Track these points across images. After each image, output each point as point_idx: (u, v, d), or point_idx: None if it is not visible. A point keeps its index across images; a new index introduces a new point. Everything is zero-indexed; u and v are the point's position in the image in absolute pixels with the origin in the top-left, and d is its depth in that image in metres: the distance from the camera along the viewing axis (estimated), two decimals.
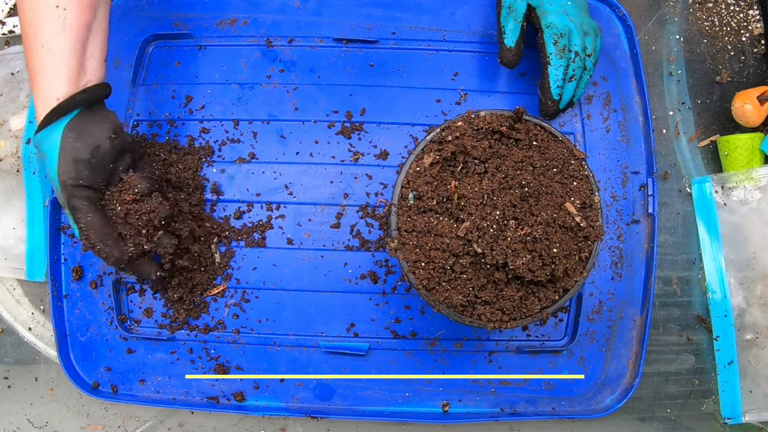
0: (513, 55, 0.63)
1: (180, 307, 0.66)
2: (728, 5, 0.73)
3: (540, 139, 0.57)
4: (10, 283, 0.71)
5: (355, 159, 0.68)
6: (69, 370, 0.66)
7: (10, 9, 0.74)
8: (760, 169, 0.67)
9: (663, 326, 0.68)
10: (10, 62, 0.72)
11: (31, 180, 0.69)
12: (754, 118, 0.68)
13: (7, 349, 0.70)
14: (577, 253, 0.55)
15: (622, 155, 0.68)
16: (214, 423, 0.67)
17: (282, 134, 0.68)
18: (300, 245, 0.67)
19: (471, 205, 0.53)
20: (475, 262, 0.54)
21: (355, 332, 0.66)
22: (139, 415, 0.68)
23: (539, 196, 0.53)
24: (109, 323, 0.67)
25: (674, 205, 0.69)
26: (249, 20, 0.71)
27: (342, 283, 0.66)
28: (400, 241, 0.55)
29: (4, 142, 0.70)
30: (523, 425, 0.67)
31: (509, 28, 0.63)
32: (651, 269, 0.66)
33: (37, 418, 0.68)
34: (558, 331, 0.67)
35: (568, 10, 0.62)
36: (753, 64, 0.72)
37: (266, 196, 0.67)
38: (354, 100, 0.69)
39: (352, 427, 0.67)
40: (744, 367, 0.66)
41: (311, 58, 0.70)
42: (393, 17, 0.71)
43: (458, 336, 0.66)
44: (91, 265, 0.67)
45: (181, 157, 0.67)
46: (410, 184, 0.56)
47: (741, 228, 0.67)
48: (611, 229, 0.67)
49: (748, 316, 0.67)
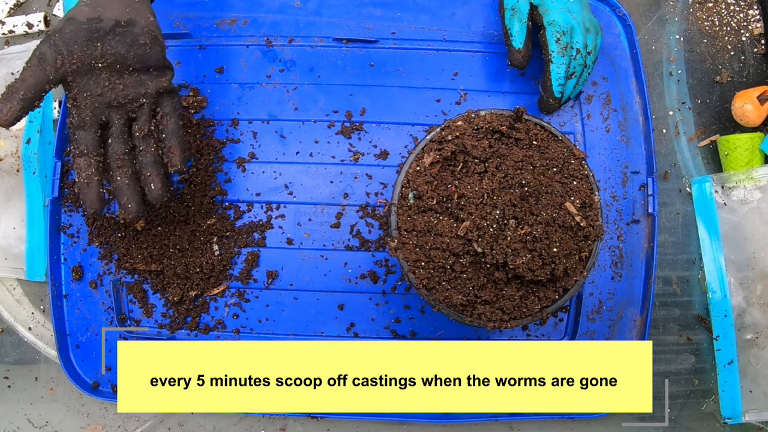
0: (522, 56, 0.63)
1: (180, 308, 0.66)
2: (728, 5, 0.73)
3: (540, 138, 0.57)
4: (10, 283, 0.71)
5: (355, 159, 0.68)
6: (69, 370, 0.66)
7: (10, 9, 0.74)
8: (760, 169, 0.67)
9: (663, 326, 0.68)
10: (10, 62, 0.72)
11: (31, 180, 0.69)
12: (754, 118, 0.68)
13: (7, 349, 0.70)
14: (577, 252, 0.55)
15: (622, 155, 0.68)
16: (214, 423, 0.67)
17: (282, 134, 0.68)
18: (300, 245, 0.67)
19: (471, 205, 0.53)
20: (475, 261, 0.54)
21: (355, 332, 0.66)
22: (139, 415, 0.68)
23: (539, 196, 0.53)
24: (109, 323, 0.67)
25: (674, 205, 0.69)
26: (249, 20, 0.71)
27: (342, 282, 0.66)
28: (400, 241, 0.55)
29: (4, 142, 0.70)
30: (523, 425, 0.67)
31: (515, 29, 0.63)
32: (651, 269, 0.66)
33: (37, 418, 0.68)
34: (558, 331, 0.67)
35: (571, 8, 0.62)
36: (753, 64, 0.72)
37: (266, 195, 0.67)
38: (354, 100, 0.69)
39: (352, 427, 0.67)
40: (744, 367, 0.66)
41: (311, 58, 0.70)
42: (393, 17, 0.71)
43: (458, 336, 0.66)
44: (91, 265, 0.67)
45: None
46: (410, 184, 0.56)
47: (741, 228, 0.67)
48: (611, 228, 0.67)
49: (748, 316, 0.67)
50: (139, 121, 0.55)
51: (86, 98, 0.53)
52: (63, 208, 0.68)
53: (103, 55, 0.52)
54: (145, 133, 0.56)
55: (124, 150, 0.55)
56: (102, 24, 0.52)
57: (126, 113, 0.55)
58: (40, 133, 0.69)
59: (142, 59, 0.54)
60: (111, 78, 0.53)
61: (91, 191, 0.54)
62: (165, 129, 0.57)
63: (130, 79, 0.54)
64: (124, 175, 0.55)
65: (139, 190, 0.56)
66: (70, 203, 0.68)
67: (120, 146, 0.55)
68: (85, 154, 0.54)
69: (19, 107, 0.51)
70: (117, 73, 0.54)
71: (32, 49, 0.71)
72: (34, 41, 0.73)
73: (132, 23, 0.53)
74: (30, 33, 0.73)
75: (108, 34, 0.52)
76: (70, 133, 0.54)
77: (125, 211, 0.55)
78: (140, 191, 0.56)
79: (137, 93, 0.55)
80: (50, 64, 0.51)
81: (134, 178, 0.55)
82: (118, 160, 0.55)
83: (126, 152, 0.55)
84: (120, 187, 0.55)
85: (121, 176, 0.55)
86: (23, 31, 0.73)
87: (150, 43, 0.54)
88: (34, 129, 0.69)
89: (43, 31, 0.73)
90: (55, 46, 0.51)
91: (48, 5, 0.75)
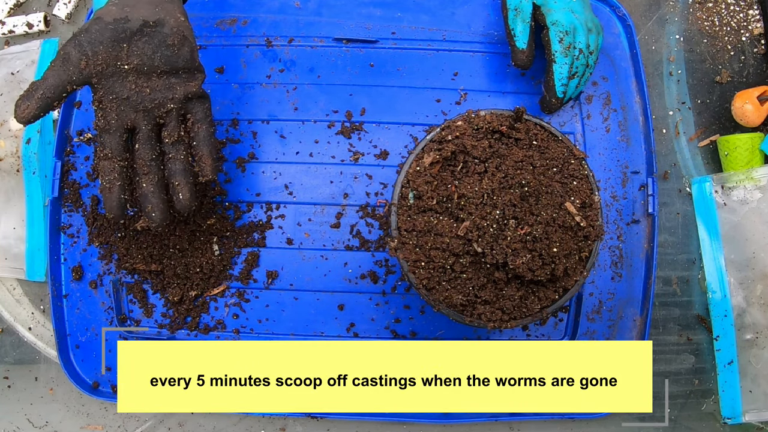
0: (526, 57, 0.62)
1: (180, 308, 0.66)
2: (728, 5, 0.73)
3: (540, 138, 0.57)
4: (10, 283, 0.71)
5: (355, 159, 0.68)
6: (69, 370, 0.66)
7: (10, 9, 0.74)
8: (760, 169, 0.67)
9: (663, 326, 0.68)
10: (10, 62, 0.72)
11: (31, 180, 0.69)
12: (754, 118, 0.68)
13: (7, 349, 0.70)
14: (577, 252, 0.55)
15: (622, 155, 0.68)
16: (214, 423, 0.67)
17: (282, 134, 0.68)
18: (300, 245, 0.67)
19: (471, 205, 0.53)
20: (475, 261, 0.54)
21: (355, 332, 0.66)
22: (139, 415, 0.68)
23: (539, 196, 0.53)
24: (109, 323, 0.67)
25: (674, 205, 0.69)
26: (249, 20, 0.71)
27: (342, 282, 0.66)
28: (400, 241, 0.55)
29: (4, 142, 0.70)
30: (523, 425, 0.67)
31: (519, 30, 0.62)
32: (651, 269, 0.66)
33: (37, 418, 0.68)
34: (558, 331, 0.67)
35: (573, 7, 0.62)
36: (753, 64, 0.72)
37: (266, 196, 0.67)
38: (354, 100, 0.69)
39: (352, 427, 0.67)
40: (744, 367, 0.66)
41: (311, 58, 0.70)
42: (393, 17, 0.71)
43: (458, 336, 0.66)
44: (91, 265, 0.68)
45: None
46: (410, 184, 0.56)
47: (741, 228, 0.67)
48: (611, 228, 0.67)
49: (748, 316, 0.67)
50: (168, 127, 0.54)
51: (112, 101, 0.51)
52: (63, 208, 0.68)
53: (129, 56, 0.51)
54: (175, 140, 0.54)
55: (151, 156, 0.53)
56: (129, 24, 0.51)
57: (153, 118, 0.53)
58: (40, 133, 0.69)
59: (170, 61, 0.52)
60: (138, 81, 0.52)
61: (113, 196, 0.52)
62: (196, 136, 0.55)
63: (158, 82, 0.52)
64: (150, 182, 0.53)
65: (164, 198, 0.54)
66: (70, 203, 0.68)
67: (147, 152, 0.53)
68: (110, 158, 0.52)
69: (37, 106, 0.49)
70: (144, 76, 0.52)
71: (32, 49, 0.72)
72: (34, 41, 0.73)
73: (161, 23, 0.52)
74: (30, 33, 0.73)
75: (135, 35, 0.51)
76: (96, 136, 0.52)
77: (149, 219, 0.53)
78: (166, 199, 0.54)
79: (164, 97, 0.53)
80: (74, 64, 0.50)
81: (160, 186, 0.54)
82: (145, 166, 0.53)
83: (153, 158, 0.53)
84: (145, 194, 0.53)
85: (147, 183, 0.53)
86: (23, 31, 0.73)
87: (179, 44, 0.52)
88: (34, 129, 0.69)
89: (43, 31, 0.73)
90: (80, 47, 0.50)
91: (48, 5, 0.75)
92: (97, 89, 0.51)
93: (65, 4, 0.74)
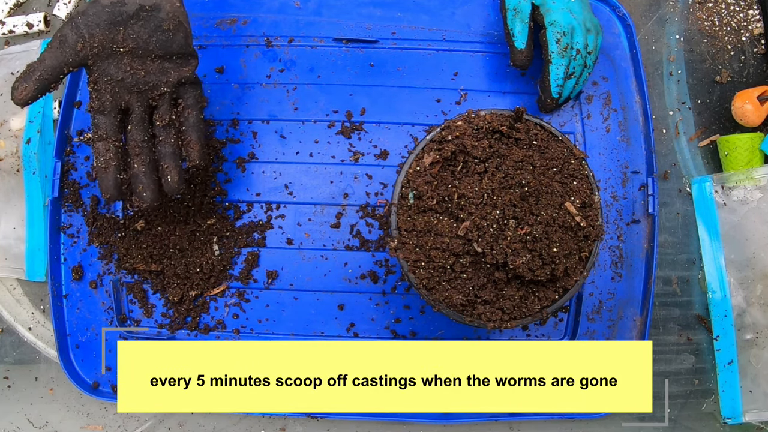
0: (525, 57, 0.63)
1: (180, 308, 0.66)
2: (728, 5, 0.73)
3: (540, 138, 0.57)
4: (10, 283, 0.71)
5: (355, 159, 0.68)
6: (69, 370, 0.66)
7: (10, 9, 0.74)
8: (760, 169, 0.67)
9: (663, 326, 0.68)
10: (10, 62, 0.72)
11: (31, 180, 0.69)
12: (754, 118, 0.68)
13: (7, 349, 0.70)
14: (577, 252, 0.55)
15: (622, 155, 0.68)
16: (214, 423, 0.67)
17: (282, 134, 0.68)
18: (300, 245, 0.67)
19: (471, 205, 0.53)
20: (475, 261, 0.54)
21: (355, 332, 0.66)
22: (139, 415, 0.68)
23: (539, 196, 0.53)
24: (109, 323, 0.67)
25: (674, 205, 0.69)
26: (249, 20, 0.71)
27: (342, 282, 0.66)
28: (400, 241, 0.55)
29: (4, 142, 0.70)
30: (523, 425, 0.67)
31: (517, 30, 0.63)
32: (651, 269, 0.66)
33: (37, 418, 0.68)
34: (558, 331, 0.67)
35: (572, 8, 0.62)
36: (753, 64, 0.72)
37: (266, 196, 0.67)
38: (354, 100, 0.69)
39: (352, 427, 0.67)
40: (744, 367, 0.66)
41: (311, 58, 0.70)
42: (393, 17, 0.71)
43: (458, 336, 0.66)
44: (91, 265, 0.68)
45: None
46: (410, 184, 0.56)
47: (741, 228, 0.67)
48: (611, 228, 0.67)
49: (748, 316, 0.67)
50: (160, 110, 0.55)
51: (107, 83, 0.53)
52: (63, 208, 0.68)
53: (125, 39, 0.52)
54: (166, 123, 0.55)
55: (143, 137, 0.54)
56: (125, 8, 0.52)
57: (146, 100, 0.54)
58: (40, 133, 0.69)
59: (164, 45, 0.54)
60: (132, 63, 0.53)
61: (109, 176, 0.53)
62: (186, 121, 0.56)
63: (152, 65, 0.54)
64: (142, 163, 0.54)
65: (155, 179, 0.55)
66: (70, 203, 0.68)
67: (139, 133, 0.54)
68: (104, 139, 0.53)
69: (35, 87, 0.51)
70: (139, 59, 0.53)
71: (32, 49, 0.72)
72: (34, 41, 0.73)
73: (157, 8, 0.53)
74: (30, 33, 0.73)
75: (131, 19, 0.52)
76: (91, 118, 0.54)
77: (140, 199, 0.55)
78: (157, 180, 0.55)
79: (158, 80, 0.54)
80: (70, 46, 0.51)
81: (152, 167, 0.55)
82: (137, 147, 0.54)
83: (145, 140, 0.54)
84: (137, 174, 0.54)
85: (138, 164, 0.54)
86: (23, 31, 0.73)
87: (174, 29, 0.54)
88: (34, 129, 0.69)
89: (43, 31, 0.73)
90: (77, 29, 0.51)
91: (48, 5, 0.75)
92: (93, 71, 0.53)
93: (65, 4, 0.74)
